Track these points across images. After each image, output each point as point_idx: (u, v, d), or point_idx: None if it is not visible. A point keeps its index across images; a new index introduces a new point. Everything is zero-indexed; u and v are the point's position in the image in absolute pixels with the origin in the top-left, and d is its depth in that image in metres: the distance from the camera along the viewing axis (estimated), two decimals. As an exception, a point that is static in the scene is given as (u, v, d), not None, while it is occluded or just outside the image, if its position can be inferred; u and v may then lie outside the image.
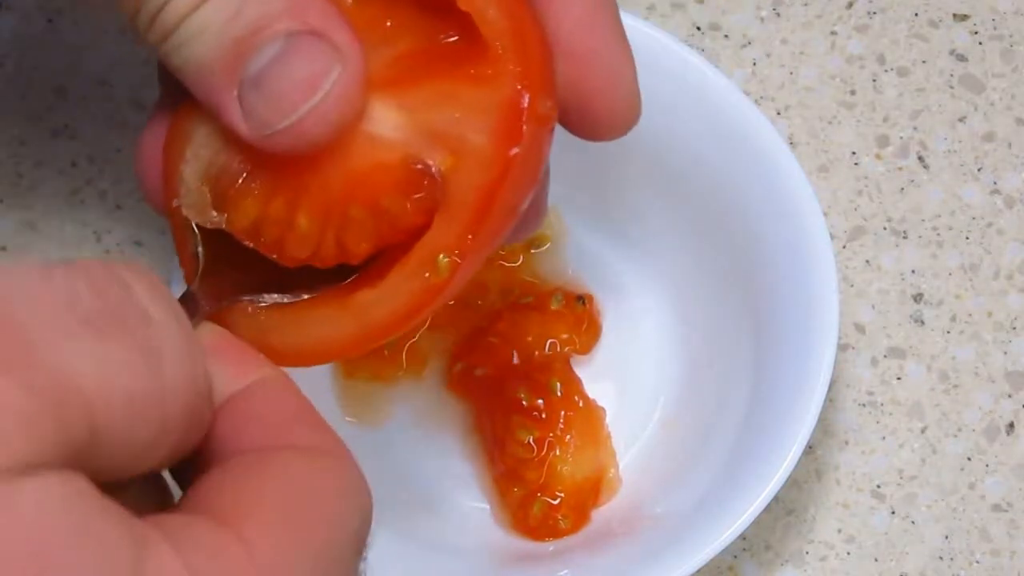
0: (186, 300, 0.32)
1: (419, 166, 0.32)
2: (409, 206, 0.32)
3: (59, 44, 0.53)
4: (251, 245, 0.34)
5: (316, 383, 0.47)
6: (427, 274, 0.32)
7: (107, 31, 0.53)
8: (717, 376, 0.47)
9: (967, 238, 0.51)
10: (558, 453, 0.46)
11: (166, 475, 0.30)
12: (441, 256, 0.32)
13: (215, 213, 0.33)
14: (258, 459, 0.28)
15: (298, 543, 0.27)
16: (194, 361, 0.27)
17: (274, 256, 0.34)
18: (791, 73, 0.53)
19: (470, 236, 0.32)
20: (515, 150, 0.32)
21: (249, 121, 0.32)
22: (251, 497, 0.27)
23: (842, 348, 0.50)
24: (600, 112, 0.35)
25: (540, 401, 0.46)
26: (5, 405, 0.23)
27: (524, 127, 0.32)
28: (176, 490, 0.30)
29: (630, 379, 0.48)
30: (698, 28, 0.53)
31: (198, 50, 0.32)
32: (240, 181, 0.33)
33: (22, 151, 0.52)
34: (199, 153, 0.33)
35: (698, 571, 0.42)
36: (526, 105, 0.32)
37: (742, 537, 0.47)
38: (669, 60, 0.45)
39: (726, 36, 0.53)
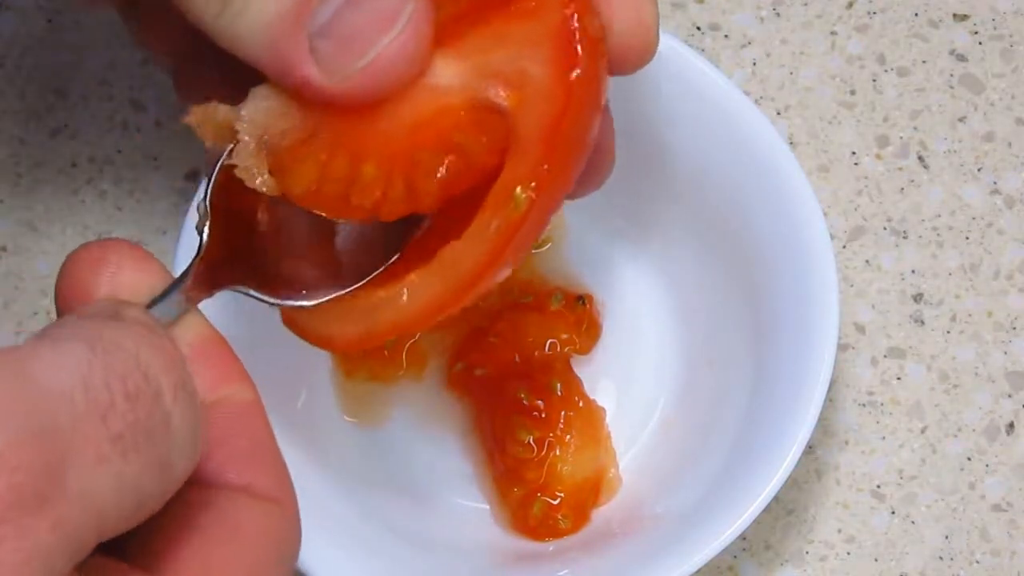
0: (180, 282, 0.32)
1: (486, 102, 0.32)
2: (484, 140, 0.32)
3: (59, 44, 0.53)
4: (311, 208, 0.33)
5: (316, 383, 0.47)
6: (506, 211, 0.32)
7: (107, 31, 0.53)
8: (717, 376, 0.47)
9: (967, 238, 0.51)
10: (558, 453, 0.46)
11: None
12: (518, 190, 0.32)
13: (269, 178, 0.33)
14: (220, 515, 0.29)
15: None
16: (197, 448, 0.28)
17: (339, 217, 0.33)
18: (791, 73, 0.53)
19: (545, 166, 0.32)
20: (575, 73, 0.32)
21: (324, 71, 0.32)
22: (216, 568, 0.28)
23: (842, 348, 0.50)
24: (620, 40, 0.35)
25: (540, 401, 0.46)
26: (36, 550, 0.24)
27: (579, 48, 0.32)
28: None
29: (630, 379, 0.48)
30: (698, 28, 0.53)
31: (261, 11, 0.32)
32: (298, 147, 0.33)
33: (22, 151, 0.52)
34: (255, 120, 0.33)
35: (698, 571, 0.42)
36: (576, 26, 0.32)
37: (742, 537, 0.47)
38: (669, 60, 0.45)
39: (726, 36, 0.53)
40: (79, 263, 0.31)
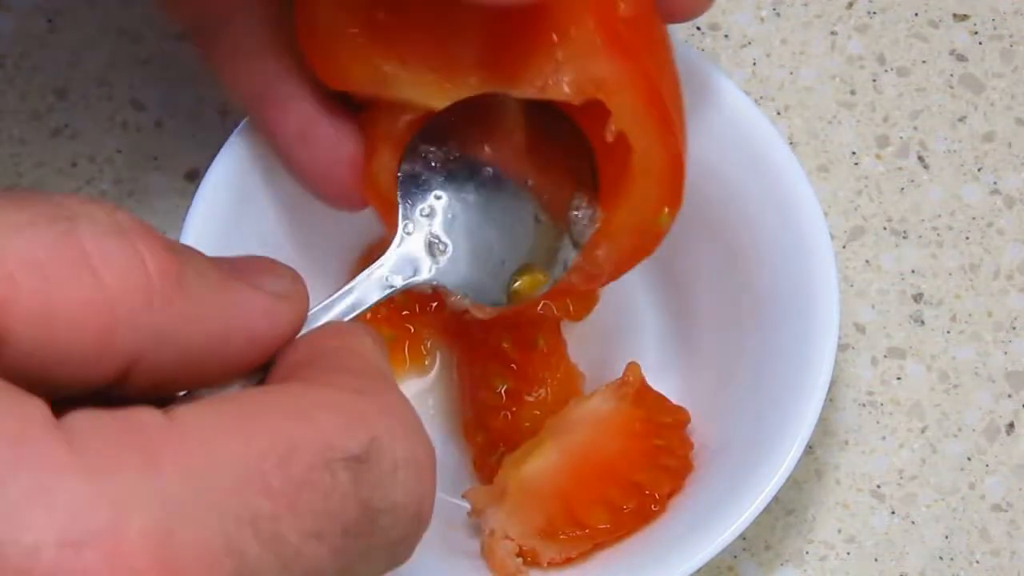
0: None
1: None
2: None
3: (59, 44, 0.53)
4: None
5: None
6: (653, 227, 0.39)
7: (107, 31, 0.53)
8: (717, 376, 0.47)
9: (967, 238, 0.51)
10: (529, 402, 0.46)
11: None
12: (664, 210, 0.39)
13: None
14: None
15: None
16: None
17: None
18: (791, 73, 0.53)
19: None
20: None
21: None
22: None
23: (842, 348, 0.50)
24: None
25: (520, 355, 0.46)
26: None
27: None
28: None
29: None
30: (698, 28, 0.53)
31: None
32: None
33: (22, 151, 0.52)
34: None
35: (698, 571, 0.42)
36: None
37: (742, 537, 0.47)
38: (669, 60, 0.45)
39: (726, 36, 0.53)
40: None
